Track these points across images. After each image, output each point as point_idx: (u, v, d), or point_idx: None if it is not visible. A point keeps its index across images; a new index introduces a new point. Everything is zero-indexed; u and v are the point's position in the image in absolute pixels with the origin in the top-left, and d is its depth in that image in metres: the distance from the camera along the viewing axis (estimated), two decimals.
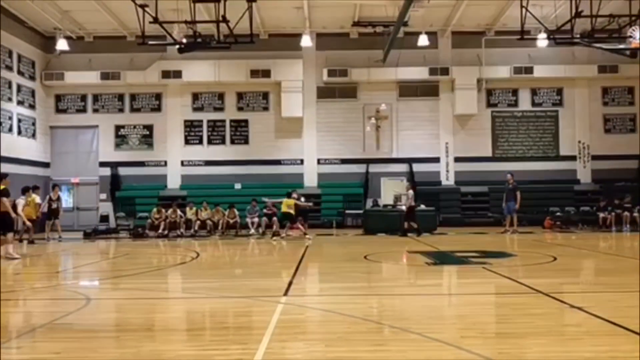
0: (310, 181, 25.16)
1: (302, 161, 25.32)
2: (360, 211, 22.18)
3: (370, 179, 24.40)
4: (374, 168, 24.94)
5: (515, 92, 25.42)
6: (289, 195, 18.06)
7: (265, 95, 25.39)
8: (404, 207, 19.02)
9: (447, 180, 25.29)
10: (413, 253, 12.71)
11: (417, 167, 24.88)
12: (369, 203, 23.46)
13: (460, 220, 23.18)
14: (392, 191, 22.34)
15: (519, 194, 18.99)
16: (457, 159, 25.24)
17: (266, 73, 24.52)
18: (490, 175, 24.22)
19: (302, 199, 19.09)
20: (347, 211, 23.55)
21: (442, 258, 11.70)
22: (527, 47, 23.35)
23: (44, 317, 6.14)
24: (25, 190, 16.86)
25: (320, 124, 25.25)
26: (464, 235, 18.52)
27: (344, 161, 25.21)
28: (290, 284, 8.11)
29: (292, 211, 17.45)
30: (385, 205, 21.43)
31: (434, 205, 21.41)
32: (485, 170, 24.64)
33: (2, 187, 12.54)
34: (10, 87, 22.57)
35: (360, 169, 24.99)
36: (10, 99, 22.56)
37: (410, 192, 19.03)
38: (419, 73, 24.74)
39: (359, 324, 5.47)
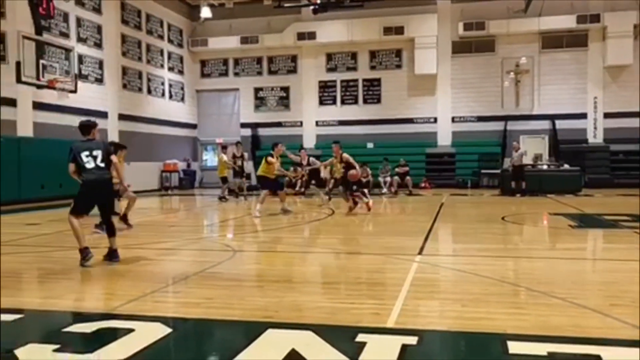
0: (444, 140, 24.62)
1: (435, 119, 24.79)
2: (497, 171, 21.31)
3: (509, 136, 23.27)
4: (512, 125, 23.76)
5: None
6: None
7: (398, 53, 25.02)
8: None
9: (595, 137, 23.42)
10: (555, 215, 12.05)
11: (560, 124, 23.30)
12: (507, 162, 22.47)
13: (609, 182, 21.47)
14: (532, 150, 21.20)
15: None
16: (607, 115, 23.22)
17: (399, 30, 24.09)
18: None
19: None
20: (483, 171, 22.79)
21: (587, 221, 10.98)
22: None
23: (196, 266, 6.73)
24: (224, 148, 18.41)
25: (455, 80, 24.43)
26: (613, 198, 17.15)
27: (480, 119, 24.28)
28: (424, 243, 8.10)
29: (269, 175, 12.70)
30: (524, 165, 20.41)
31: (578, 164, 19.98)
32: None
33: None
34: (162, 54, 24.47)
35: (497, 126, 23.94)
36: (162, 66, 24.48)
37: (521, 150, 18.43)
38: (564, 22, 22.87)
39: (496, 285, 5.35)
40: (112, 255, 6.66)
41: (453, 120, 24.62)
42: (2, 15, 16.35)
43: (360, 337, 3.72)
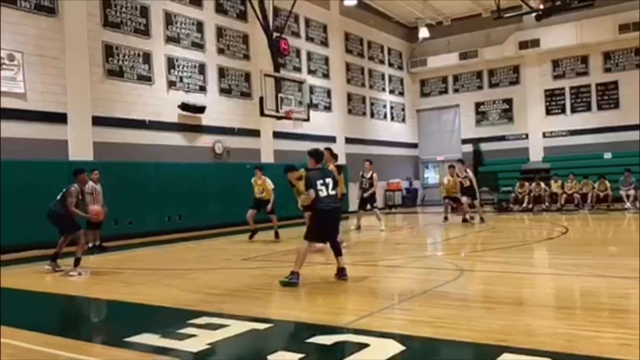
0: None
1: None
2: None
3: None
4: None
5: None
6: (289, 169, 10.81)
7: (638, 51, 22.36)
8: None
9: None
10: None
11: None
12: None
13: None
14: None
15: None
16: None
17: (638, 25, 21.54)
18: None
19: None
20: None
21: None
22: None
23: (423, 284, 6.84)
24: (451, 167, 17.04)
25: None
26: None
27: None
28: None
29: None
30: None
31: None
32: None
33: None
34: (383, 78, 25.52)
35: None
36: (384, 90, 25.51)
37: None
38: None
39: None
40: (341, 274, 7.05)
41: None
42: (247, 58, 18.71)
43: None
